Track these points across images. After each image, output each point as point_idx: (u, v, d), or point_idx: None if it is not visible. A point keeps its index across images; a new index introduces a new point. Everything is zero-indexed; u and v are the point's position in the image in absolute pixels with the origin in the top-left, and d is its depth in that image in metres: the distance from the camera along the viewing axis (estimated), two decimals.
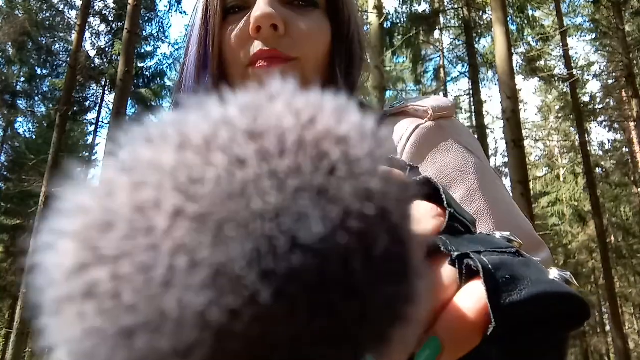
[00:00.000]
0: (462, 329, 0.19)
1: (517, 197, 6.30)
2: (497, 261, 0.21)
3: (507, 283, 0.20)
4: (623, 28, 12.46)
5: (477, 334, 0.20)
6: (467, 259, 0.20)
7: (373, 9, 8.13)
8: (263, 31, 0.55)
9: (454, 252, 0.21)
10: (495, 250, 0.21)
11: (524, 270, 0.21)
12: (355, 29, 0.63)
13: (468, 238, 0.22)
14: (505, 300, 0.19)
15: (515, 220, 0.49)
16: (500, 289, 0.19)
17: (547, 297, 0.20)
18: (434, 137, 0.53)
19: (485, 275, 0.20)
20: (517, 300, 0.19)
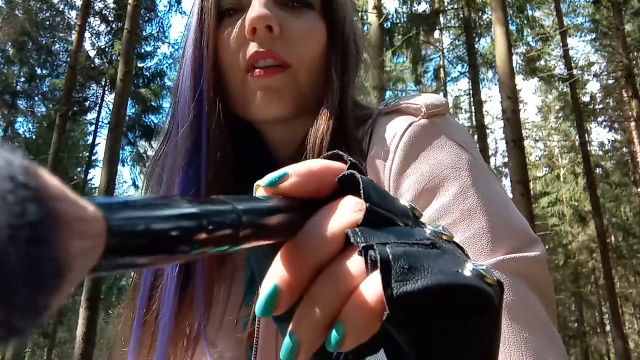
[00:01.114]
0: (362, 315, 0.21)
1: (517, 197, 6.30)
2: (399, 252, 0.22)
3: (404, 273, 0.21)
4: (623, 28, 12.46)
5: (375, 320, 0.21)
6: (371, 250, 0.22)
7: (373, 9, 8.13)
8: (258, 33, 0.55)
9: (361, 243, 0.22)
10: (406, 242, 0.23)
11: (429, 261, 0.22)
12: (350, 28, 0.63)
13: (385, 230, 0.23)
14: (398, 289, 0.20)
15: (508, 217, 0.49)
16: (396, 278, 0.21)
17: (442, 288, 0.21)
18: (427, 135, 0.53)
19: (382, 264, 0.21)
20: (410, 290, 0.20)
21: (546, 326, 0.44)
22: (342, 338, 0.21)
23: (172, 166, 0.59)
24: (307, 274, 0.23)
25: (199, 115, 0.57)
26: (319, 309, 0.22)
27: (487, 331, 0.23)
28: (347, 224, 0.24)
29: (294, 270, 0.23)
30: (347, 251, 0.23)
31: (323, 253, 0.23)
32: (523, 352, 0.41)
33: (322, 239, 0.23)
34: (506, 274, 0.44)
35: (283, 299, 0.22)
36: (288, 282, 0.23)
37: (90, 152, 16.68)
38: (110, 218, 0.15)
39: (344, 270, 0.23)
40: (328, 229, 0.24)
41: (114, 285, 21.44)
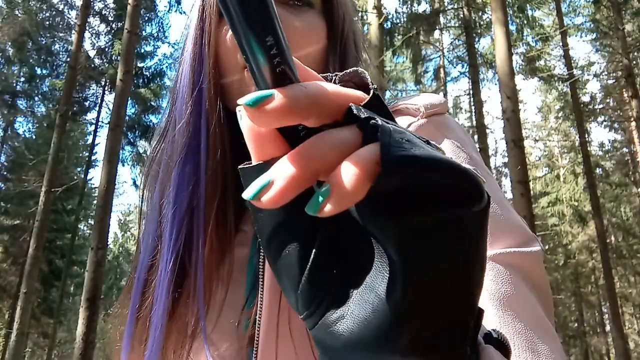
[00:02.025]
0: (352, 173, 0.20)
1: (517, 197, 6.30)
2: (401, 130, 0.22)
3: (404, 142, 0.21)
4: (623, 28, 12.46)
5: (366, 180, 0.20)
6: (373, 121, 0.21)
7: (373, 9, 8.14)
8: None
9: (364, 114, 0.22)
10: (405, 130, 0.22)
11: (426, 145, 0.22)
12: (349, 28, 0.63)
13: (388, 120, 0.23)
14: (396, 152, 0.20)
15: (506, 215, 0.49)
16: (395, 144, 0.20)
17: (437, 162, 0.20)
18: (426, 134, 0.53)
19: (383, 132, 0.21)
20: (409, 155, 0.20)
21: (541, 318, 0.44)
22: (326, 197, 0.21)
23: (168, 162, 0.59)
24: (301, 110, 0.22)
25: (198, 112, 0.57)
26: (308, 159, 0.21)
27: (476, 227, 0.22)
28: (351, 97, 0.23)
29: (291, 98, 0.22)
30: (346, 125, 0.23)
31: (324, 106, 0.22)
32: (515, 342, 0.41)
33: (326, 93, 0.23)
34: (502, 266, 0.45)
35: (273, 104, 0.21)
36: (284, 99, 0.22)
37: (90, 152, 16.68)
38: None
39: (341, 135, 0.22)
40: (333, 90, 0.23)
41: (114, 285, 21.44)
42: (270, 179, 0.22)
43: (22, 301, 8.14)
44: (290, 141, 0.25)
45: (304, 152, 0.22)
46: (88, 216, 18.55)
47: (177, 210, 0.55)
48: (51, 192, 8.51)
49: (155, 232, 0.58)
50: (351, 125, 0.22)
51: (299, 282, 0.25)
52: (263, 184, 0.22)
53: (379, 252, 0.24)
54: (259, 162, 0.25)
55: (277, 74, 0.23)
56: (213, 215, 0.54)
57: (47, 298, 15.46)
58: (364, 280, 0.24)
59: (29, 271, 8.20)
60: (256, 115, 0.22)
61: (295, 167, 0.21)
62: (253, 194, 0.22)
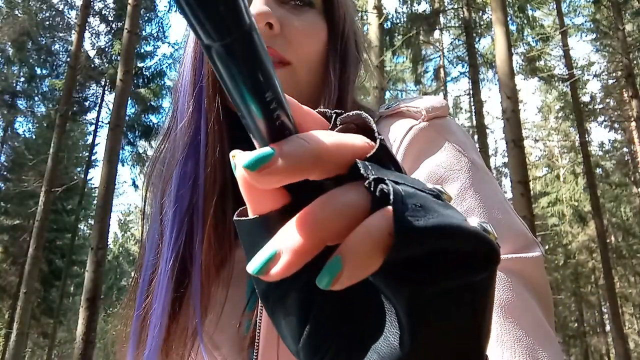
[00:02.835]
0: (365, 246, 0.19)
1: (517, 197, 6.30)
2: (411, 191, 0.21)
3: (416, 210, 0.20)
4: (623, 28, 12.46)
5: (379, 254, 0.19)
6: (382, 184, 0.20)
7: (373, 9, 8.13)
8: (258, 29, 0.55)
9: (372, 175, 0.20)
10: (415, 187, 0.21)
11: (438, 206, 0.21)
12: (350, 28, 0.63)
13: (394, 172, 0.22)
14: (410, 223, 0.19)
15: (507, 219, 0.49)
16: (408, 212, 0.19)
17: (452, 229, 0.20)
18: (428, 137, 0.53)
19: (395, 198, 0.20)
20: (423, 225, 0.19)
21: (541, 325, 0.44)
22: (339, 272, 0.19)
23: (170, 161, 0.59)
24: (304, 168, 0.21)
25: (198, 110, 0.57)
26: (315, 227, 0.20)
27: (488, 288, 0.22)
28: (357, 148, 0.22)
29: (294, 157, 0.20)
30: (352, 183, 0.21)
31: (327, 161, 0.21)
32: (516, 349, 0.41)
33: (329, 147, 0.21)
34: (503, 272, 0.44)
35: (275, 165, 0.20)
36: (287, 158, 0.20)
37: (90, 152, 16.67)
38: None
39: (349, 196, 0.21)
40: (336, 142, 0.21)
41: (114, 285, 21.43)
42: (275, 250, 0.20)
43: (22, 301, 8.13)
44: (290, 189, 0.23)
45: (310, 220, 0.20)
46: (88, 216, 18.55)
47: (178, 209, 0.55)
48: (51, 192, 8.51)
49: (157, 231, 0.58)
50: (358, 184, 0.21)
51: (300, 335, 0.24)
52: (269, 257, 0.20)
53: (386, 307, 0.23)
54: (255, 217, 0.24)
55: (277, 126, 0.21)
56: (212, 213, 0.54)
57: (47, 298, 15.46)
58: (369, 338, 0.23)
59: (29, 271, 8.20)
60: (256, 178, 0.20)
61: (302, 237, 0.20)
62: (258, 268, 0.20)
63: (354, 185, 0.21)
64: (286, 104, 0.22)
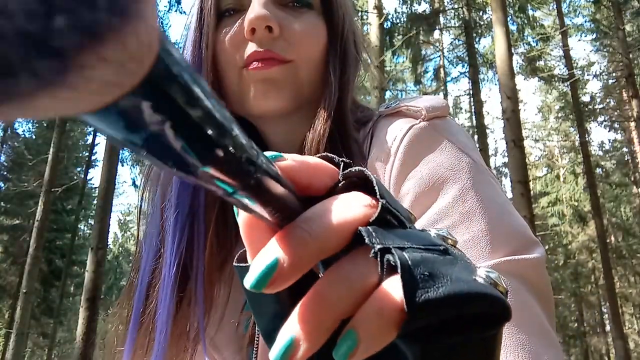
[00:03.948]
0: (379, 322, 0.20)
1: (517, 197, 6.30)
2: (418, 258, 0.21)
3: (425, 280, 0.20)
4: (623, 28, 12.46)
5: (392, 329, 0.20)
6: (388, 254, 0.20)
7: (373, 9, 8.13)
8: (257, 33, 0.55)
9: (377, 244, 0.20)
10: (420, 247, 0.22)
11: (446, 268, 0.21)
12: (349, 28, 0.63)
13: (398, 232, 0.22)
14: (420, 296, 0.19)
15: (508, 220, 0.49)
16: (417, 285, 0.20)
17: (463, 296, 0.20)
18: (428, 138, 0.53)
19: (403, 270, 0.20)
20: (433, 298, 0.19)
21: (543, 328, 0.44)
22: (354, 347, 0.19)
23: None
24: (310, 254, 0.20)
25: None
26: (327, 308, 0.20)
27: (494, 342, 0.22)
28: (358, 218, 0.22)
29: (295, 250, 0.20)
30: (359, 250, 0.21)
31: (331, 239, 0.21)
32: (519, 353, 0.41)
33: (333, 225, 0.21)
34: (504, 275, 0.44)
35: (279, 276, 0.20)
36: (289, 259, 0.20)
37: (90, 152, 16.68)
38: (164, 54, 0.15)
39: (356, 269, 0.21)
40: (336, 217, 0.21)
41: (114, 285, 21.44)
42: (292, 337, 0.20)
43: (22, 301, 8.13)
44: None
45: (322, 302, 0.20)
46: (88, 216, 18.55)
47: (179, 215, 0.55)
48: (51, 192, 8.51)
49: (157, 236, 0.58)
50: (364, 254, 0.21)
51: None
52: (286, 346, 0.20)
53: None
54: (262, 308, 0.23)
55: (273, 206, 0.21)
56: (213, 220, 0.54)
57: (47, 298, 15.46)
58: None
59: (29, 271, 8.20)
60: (272, 288, 0.20)
61: (316, 320, 0.20)
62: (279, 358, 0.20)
63: (360, 254, 0.21)
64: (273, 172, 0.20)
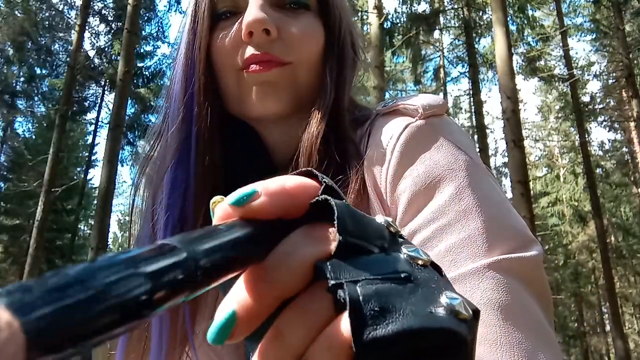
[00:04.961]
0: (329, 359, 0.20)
1: (517, 197, 6.30)
2: (370, 292, 0.21)
3: (375, 316, 0.20)
4: (623, 28, 12.47)
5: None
6: (340, 290, 0.21)
7: (373, 9, 8.13)
8: (255, 36, 0.55)
9: (331, 280, 0.21)
10: (377, 278, 0.21)
11: (401, 301, 0.21)
12: (346, 28, 0.63)
13: (359, 262, 0.22)
14: (368, 334, 0.19)
15: (505, 218, 0.48)
16: (366, 322, 0.20)
17: (413, 332, 0.20)
18: (424, 136, 0.52)
19: (352, 307, 0.20)
20: (381, 335, 0.19)
21: (541, 327, 0.43)
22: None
23: (160, 166, 0.59)
24: (270, 302, 0.22)
25: (189, 117, 0.57)
26: (286, 346, 0.21)
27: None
28: (318, 254, 0.22)
29: (256, 299, 0.21)
30: (317, 285, 0.22)
31: (290, 283, 0.22)
32: (515, 352, 0.40)
33: (291, 269, 0.22)
34: (501, 273, 0.44)
35: (239, 327, 0.21)
36: (248, 310, 0.21)
37: (90, 152, 16.69)
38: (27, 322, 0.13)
39: (313, 307, 0.22)
40: (297, 259, 0.22)
41: None
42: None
43: None
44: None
45: (279, 338, 0.21)
46: (88, 216, 18.55)
47: (170, 217, 0.55)
48: (51, 192, 8.51)
49: (149, 238, 0.58)
50: (322, 289, 0.22)
51: None
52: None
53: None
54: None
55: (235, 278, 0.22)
56: (201, 222, 0.54)
57: None
58: None
59: (28, 271, 8.20)
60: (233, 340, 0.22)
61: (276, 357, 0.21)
62: None
63: (318, 289, 0.22)
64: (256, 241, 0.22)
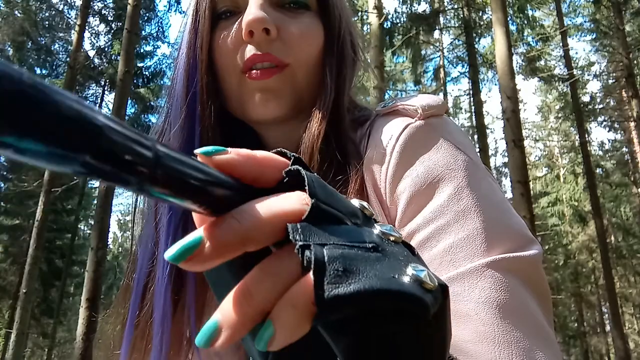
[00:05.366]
0: (292, 315, 0.21)
1: (517, 197, 6.30)
2: (336, 254, 0.21)
3: (338, 275, 0.21)
4: (623, 28, 12.47)
5: (305, 322, 0.21)
6: (307, 250, 0.21)
7: (373, 9, 8.13)
8: (255, 35, 0.55)
9: (299, 241, 0.22)
10: (345, 244, 0.22)
11: (365, 265, 0.22)
12: (346, 28, 0.63)
13: (329, 229, 0.23)
14: (329, 292, 0.20)
15: (504, 218, 0.48)
16: (328, 280, 0.20)
17: (374, 293, 0.21)
18: (424, 136, 0.53)
19: (316, 266, 0.21)
20: (341, 293, 0.20)
21: (539, 326, 0.43)
22: (271, 337, 0.21)
23: None
24: (233, 245, 0.22)
25: (192, 116, 0.57)
26: (253, 303, 0.22)
27: (423, 336, 0.23)
28: (289, 213, 0.23)
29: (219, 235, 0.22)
30: (286, 247, 0.23)
31: (255, 233, 0.22)
32: (513, 350, 0.40)
33: (258, 218, 0.22)
34: (500, 272, 0.44)
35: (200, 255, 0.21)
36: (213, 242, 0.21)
37: None
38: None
39: (281, 266, 0.22)
40: (267, 211, 0.23)
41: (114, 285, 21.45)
42: (216, 323, 0.22)
43: (22, 301, 8.13)
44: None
45: (246, 294, 0.22)
46: (88, 216, 18.55)
47: (173, 216, 0.55)
48: (51, 192, 8.51)
49: (152, 238, 0.58)
50: (290, 248, 0.22)
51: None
52: (211, 331, 0.22)
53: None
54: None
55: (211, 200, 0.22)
56: None
57: (47, 298, 15.46)
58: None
59: (29, 271, 8.20)
60: (190, 265, 0.21)
61: (239, 312, 0.22)
62: (203, 342, 0.22)
63: (286, 250, 0.23)
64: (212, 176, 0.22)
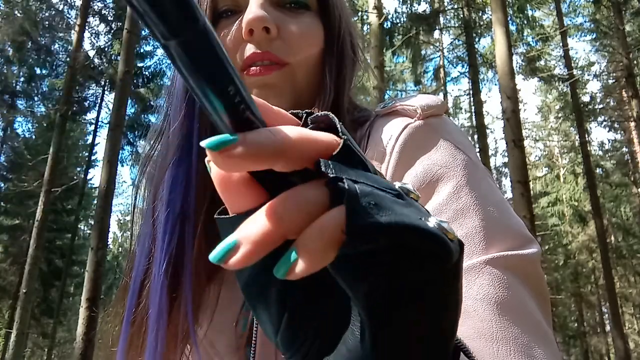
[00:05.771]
0: (318, 243, 0.20)
1: (517, 197, 6.30)
2: (367, 190, 0.21)
3: (370, 208, 0.20)
4: (623, 28, 12.47)
5: (331, 250, 0.21)
6: (339, 182, 0.21)
7: (373, 9, 8.13)
8: (255, 34, 0.56)
9: (331, 174, 0.21)
10: (374, 185, 0.22)
11: (394, 204, 0.21)
12: (346, 29, 0.63)
13: (357, 171, 0.23)
14: (363, 220, 0.20)
15: (503, 217, 0.48)
16: (361, 210, 0.20)
17: (404, 227, 0.20)
18: (423, 136, 0.53)
19: (350, 196, 0.21)
20: (376, 223, 0.20)
21: (538, 323, 0.43)
22: (293, 263, 0.21)
23: (162, 163, 0.59)
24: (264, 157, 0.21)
25: (191, 113, 0.57)
26: (280, 223, 0.21)
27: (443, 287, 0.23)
28: (320, 143, 0.23)
29: (255, 143, 0.21)
30: (316, 179, 0.22)
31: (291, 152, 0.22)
32: (511, 347, 0.40)
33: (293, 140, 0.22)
34: (499, 270, 0.44)
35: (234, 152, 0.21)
36: (247, 144, 0.21)
37: (90, 152, 16.68)
38: None
39: (310, 194, 0.22)
40: (301, 136, 0.22)
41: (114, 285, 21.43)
42: (236, 241, 0.21)
43: (22, 301, 8.13)
44: (268, 187, 0.24)
45: (271, 214, 0.21)
46: (88, 216, 18.56)
47: (170, 214, 0.55)
48: (51, 192, 8.51)
49: (149, 236, 0.58)
50: (320, 182, 0.22)
51: (279, 327, 0.26)
52: (228, 247, 0.21)
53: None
54: (234, 215, 0.25)
55: (243, 119, 0.22)
56: (202, 220, 0.54)
57: (47, 298, 15.46)
58: (340, 331, 0.24)
59: (29, 271, 8.20)
60: (219, 160, 0.21)
61: (262, 230, 0.21)
62: (218, 257, 0.21)
63: (317, 182, 0.22)
64: (251, 101, 0.22)
